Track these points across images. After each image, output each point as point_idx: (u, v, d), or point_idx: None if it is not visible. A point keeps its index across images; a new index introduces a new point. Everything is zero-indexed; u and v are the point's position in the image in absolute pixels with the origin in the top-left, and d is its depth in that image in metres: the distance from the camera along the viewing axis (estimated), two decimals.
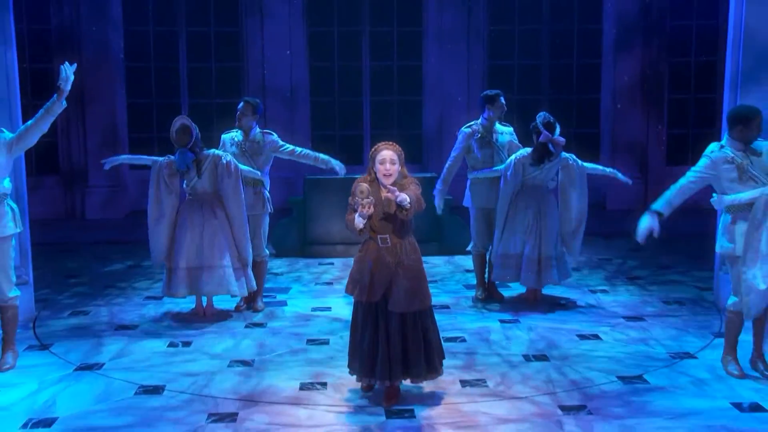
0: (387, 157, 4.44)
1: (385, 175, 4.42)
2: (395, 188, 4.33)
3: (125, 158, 7.11)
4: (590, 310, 6.78)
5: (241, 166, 6.57)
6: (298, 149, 6.89)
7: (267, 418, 4.45)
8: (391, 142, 4.55)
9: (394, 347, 4.50)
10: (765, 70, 6.30)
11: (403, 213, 4.33)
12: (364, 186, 4.35)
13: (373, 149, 4.54)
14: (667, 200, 5.09)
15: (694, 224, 7.68)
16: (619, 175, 6.99)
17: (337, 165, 6.82)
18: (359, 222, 4.36)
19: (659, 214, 5.03)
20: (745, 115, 5.03)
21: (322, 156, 6.86)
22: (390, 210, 4.37)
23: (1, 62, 6.23)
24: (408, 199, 4.29)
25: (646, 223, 5.00)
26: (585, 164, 6.91)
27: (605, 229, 9.98)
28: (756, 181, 4.93)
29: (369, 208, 4.29)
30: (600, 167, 7.11)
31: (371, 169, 4.50)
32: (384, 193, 4.34)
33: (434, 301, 6.88)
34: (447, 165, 7.08)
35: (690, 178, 5.09)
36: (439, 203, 7.08)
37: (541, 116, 6.69)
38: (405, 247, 4.52)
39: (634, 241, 5.10)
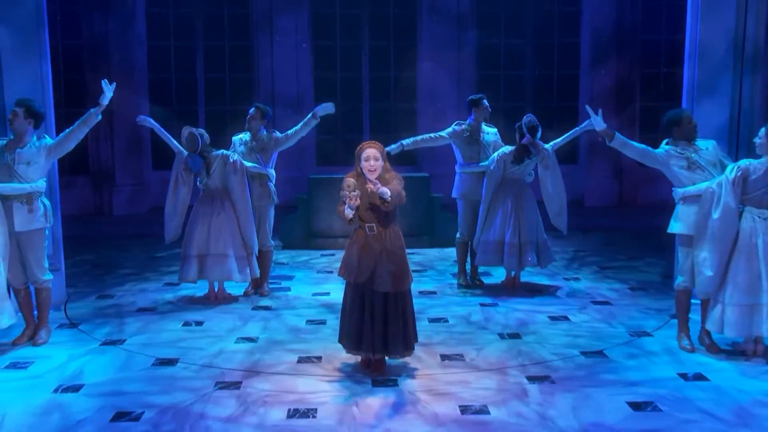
0: (371, 154, 4.60)
1: (369, 170, 4.57)
2: (378, 182, 4.49)
3: (157, 127, 6.86)
4: (563, 296, 6.91)
5: (247, 163, 6.78)
6: (290, 131, 6.96)
7: (267, 386, 4.63)
8: (374, 141, 4.72)
9: (377, 324, 4.66)
10: (717, 81, 6.35)
11: (385, 204, 4.48)
12: (351, 181, 4.53)
13: (358, 148, 4.69)
14: (627, 140, 5.34)
15: (661, 220, 7.81)
16: (590, 115, 6.99)
17: (325, 107, 6.75)
18: (348, 212, 4.53)
19: (612, 133, 5.29)
20: (674, 117, 5.33)
21: (306, 118, 6.86)
22: (375, 202, 4.53)
23: (37, 74, 6.34)
24: (389, 193, 4.43)
25: (598, 119, 5.29)
26: (553, 142, 6.93)
27: (582, 225, 10.09)
28: (703, 170, 5.15)
29: (356, 200, 4.46)
30: (568, 133, 7.03)
31: (358, 166, 4.64)
32: (369, 187, 4.49)
33: (423, 287, 7.11)
34: (425, 135, 7.15)
35: (650, 148, 5.38)
36: (392, 148, 6.69)
37: (526, 119, 6.78)
38: (389, 234, 4.67)
39: (608, 235, 5.24)
